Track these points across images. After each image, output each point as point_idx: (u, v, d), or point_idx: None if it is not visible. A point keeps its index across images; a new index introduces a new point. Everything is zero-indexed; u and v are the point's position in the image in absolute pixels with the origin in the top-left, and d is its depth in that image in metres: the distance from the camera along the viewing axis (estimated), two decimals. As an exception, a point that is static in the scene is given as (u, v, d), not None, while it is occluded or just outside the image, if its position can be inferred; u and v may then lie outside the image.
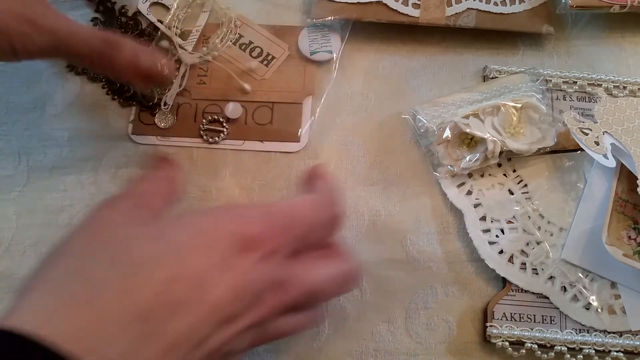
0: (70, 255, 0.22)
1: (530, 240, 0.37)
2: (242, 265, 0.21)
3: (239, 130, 0.40)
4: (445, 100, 0.39)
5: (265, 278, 0.22)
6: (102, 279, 0.20)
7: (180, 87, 0.40)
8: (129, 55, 0.31)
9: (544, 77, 0.41)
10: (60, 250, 0.22)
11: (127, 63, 0.31)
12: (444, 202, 0.39)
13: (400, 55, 0.43)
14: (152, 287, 0.20)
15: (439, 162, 0.38)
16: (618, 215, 0.37)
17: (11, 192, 0.39)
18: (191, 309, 0.20)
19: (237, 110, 0.40)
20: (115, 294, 0.19)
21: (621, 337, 0.35)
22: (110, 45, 0.30)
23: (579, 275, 0.36)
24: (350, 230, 0.38)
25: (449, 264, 0.37)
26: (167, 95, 0.40)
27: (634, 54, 0.44)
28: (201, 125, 0.39)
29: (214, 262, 0.21)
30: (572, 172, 0.39)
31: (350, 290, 0.28)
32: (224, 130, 0.39)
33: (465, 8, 0.42)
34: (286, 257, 0.23)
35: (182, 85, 0.40)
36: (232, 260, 0.21)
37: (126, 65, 0.31)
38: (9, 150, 0.40)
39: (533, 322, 0.36)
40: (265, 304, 0.22)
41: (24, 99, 0.41)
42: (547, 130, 0.38)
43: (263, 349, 0.35)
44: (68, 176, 0.39)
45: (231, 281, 0.21)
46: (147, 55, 0.32)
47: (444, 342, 0.36)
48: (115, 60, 0.31)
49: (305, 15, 0.43)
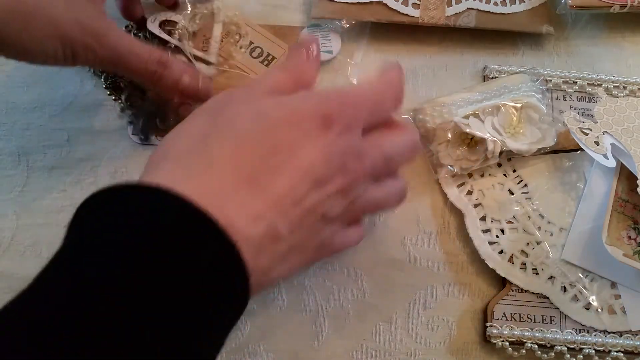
0: (189, 134, 0.26)
1: (531, 240, 0.37)
2: (326, 136, 0.25)
3: None
4: (445, 100, 0.39)
5: (347, 145, 0.26)
6: (219, 150, 0.24)
7: None
8: (177, 75, 0.34)
9: (544, 77, 0.41)
10: (184, 131, 0.27)
11: (174, 83, 0.34)
12: (444, 202, 0.39)
13: (400, 55, 0.43)
14: (258, 154, 0.24)
15: (438, 162, 0.38)
16: (618, 215, 0.37)
17: (11, 192, 0.39)
18: (289, 171, 0.24)
19: None
20: (230, 162, 0.24)
21: (621, 337, 0.35)
22: (163, 65, 0.34)
23: (579, 275, 0.36)
24: (350, 230, 0.38)
25: (449, 264, 0.37)
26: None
27: (634, 54, 0.44)
28: None
29: (304, 134, 0.25)
30: (572, 172, 0.39)
31: (416, 155, 0.32)
32: None
33: (465, 8, 0.42)
34: (361, 131, 0.27)
35: None
36: (318, 132, 0.25)
37: (172, 85, 0.34)
38: (9, 150, 0.40)
39: (533, 322, 0.36)
40: (350, 170, 0.26)
41: (24, 99, 0.41)
42: (547, 130, 0.38)
43: (263, 349, 0.35)
44: (68, 176, 0.39)
45: (320, 149, 0.25)
46: (191, 74, 0.35)
47: (444, 342, 0.36)
48: (164, 79, 0.34)
49: (304, 15, 0.43)
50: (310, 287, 0.37)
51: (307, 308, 0.37)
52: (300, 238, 0.25)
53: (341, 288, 0.37)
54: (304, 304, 0.37)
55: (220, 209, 0.22)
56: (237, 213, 0.22)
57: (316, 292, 0.37)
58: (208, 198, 0.22)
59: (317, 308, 0.37)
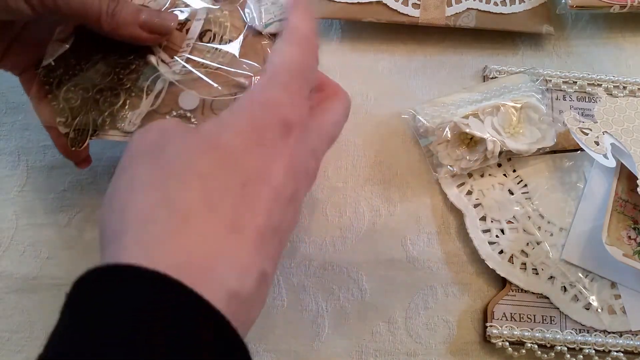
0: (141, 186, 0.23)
1: (531, 240, 0.37)
2: (289, 145, 0.24)
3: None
4: (445, 100, 0.39)
5: (307, 149, 0.25)
6: (187, 200, 0.21)
7: (152, 106, 0.32)
8: (132, 8, 0.31)
9: (543, 77, 0.41)
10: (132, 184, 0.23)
11: (132, 15, 0.31)
12: (444, 202, 0.39)
13: (400, 55, 0.43)
14: (231, 193, 0.22)
15: (438, 162, 0.38)
16: (618, 215, 0.37)
17: (11, 192, 0.39)
18: (264, 199, 0.22)
19: (192, 100, 0.33)
20: (204, 210, 0.21)
21: (621, 337, 0.35)
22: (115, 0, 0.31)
23: (579, 275, 0.36)
24: (350, 230, 0.38)
25: (449, 264, 0.37)
26: (134, 113, 0.32)
27: (634, 54, 0.44)
28: None
29: (268, 151, 0.23)
30: (572, 172, 0.39)
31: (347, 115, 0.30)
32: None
33: (465, 8, 0.42)
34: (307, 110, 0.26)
35: (156, 104, 0.32)
36: (281, 143, 0.23)
37: (131, 18, 0.31)
38: (9, 150, 0.40)
39: (533, 322, 0.36)
40: (311, 174, 0.25)
41: (24, 99, 0.41)
42: (547, 130, 0.38)
43: (263, 349, 0.35)
44: (68, 176, 0.39)
45: (286, 163, 0.23)
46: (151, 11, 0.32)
47: (444, 342, 0.36)
48: (120, 14, 0.31)
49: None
50: (310, 287, 0.37)
51: (307, 308, 0.37)
52: (276, 262, 0.24)
53: (341, 288, 0.37)
54: (304, 304, 0.37)
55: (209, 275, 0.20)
56: (228, 273, 0.20)
57: (316, 292, 0.37)
58: (195, 265, 0.20)
59: (317, 308, 0.37)
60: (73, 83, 0.33)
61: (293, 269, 0.37)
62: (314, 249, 0.38)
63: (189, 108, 0.33)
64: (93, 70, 0.33)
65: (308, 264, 0.37)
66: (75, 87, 0.33)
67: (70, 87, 0.33)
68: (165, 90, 0.33)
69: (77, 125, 0.33)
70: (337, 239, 0.38)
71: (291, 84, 0.25)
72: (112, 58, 0.33)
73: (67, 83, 0.33)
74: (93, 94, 0.33)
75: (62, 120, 0.33)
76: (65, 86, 0.33)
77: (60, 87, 0.33)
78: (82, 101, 0.33)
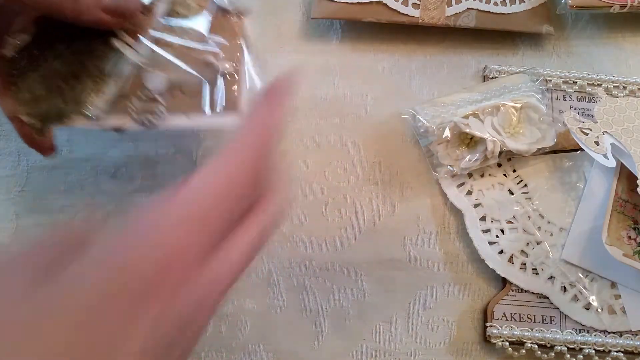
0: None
1: (530, 240, 0.37)
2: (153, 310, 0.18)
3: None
4: (444, 100, 0.39)
5: (184, 312, 0.19)
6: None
7: (119, 91, 0.32)
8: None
9: (543, 77, 0.41)
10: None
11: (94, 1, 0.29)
12: (444, 202, 0.39)
13: (400, 55, 0.43)
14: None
15: (438, 162, 0.38)
16: (618, 215, 0.37)
17: (11, 192, 0.39)
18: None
19: (159, 81, 0.32)
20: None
21: (621, 337, 0.35)
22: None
23: (579, 275, 0.36)
24: (350, 230, 0.38)
25: (449, 264, 0.37)
26: (100, 99, 0.32)
27: (634, 54, 0.44)
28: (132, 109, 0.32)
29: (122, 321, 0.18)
30: (572, 172, 0.39)
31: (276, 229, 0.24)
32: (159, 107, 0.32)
33: (465, 8, 0.42)
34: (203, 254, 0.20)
35: (124, 89, 0.32)
36: (141, 306, 0.18)
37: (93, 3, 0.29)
38: (9, 150, 0.40)
39: (533, 322, 0.36)
40: (195, 323, 0.20)
41: (24, 99, 0.41)
42: (547, 130, 0.38)
43: (263, 349, 0.35)
44: (68, 176, 0.39)
45: (143, 339, 0.18)
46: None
47: (444, 342, 0.36)
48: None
49: (303, 15, 0.43)
50: (310, 287, 0.37)
51: (307, 308, 0.37)
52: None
53: (341, 288, 0.37)
54: (304, 304, 0.37)
55: None
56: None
57: (316, 292, 0.37)
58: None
59: (317, 308, 0.37)
60: (37, 74, 0.33)
61: (293, 269, 0.37)
62: (314, 249, 0.38)
63: (157, 89, 0.32)
64: (57, 61, 0.33)
65: (308, 264, 0.37)
66: (39, 77, 0.33)
67: (35, 77, 0.33)
68: (131, 74, 0.32)
69: (43, 114, 0.32)
70: (337, 239, 0.38)
71: (197, 224, 0.20)
72: (76, 46, 0.33)
73: (31, 74, 0.33)
74: (58, 82, 0.33)
75: (26, 110, 0.32)
76: (29, 77, 0.33)
77: (24, 79, 0.33)
78: (47, 90, 0.33)
